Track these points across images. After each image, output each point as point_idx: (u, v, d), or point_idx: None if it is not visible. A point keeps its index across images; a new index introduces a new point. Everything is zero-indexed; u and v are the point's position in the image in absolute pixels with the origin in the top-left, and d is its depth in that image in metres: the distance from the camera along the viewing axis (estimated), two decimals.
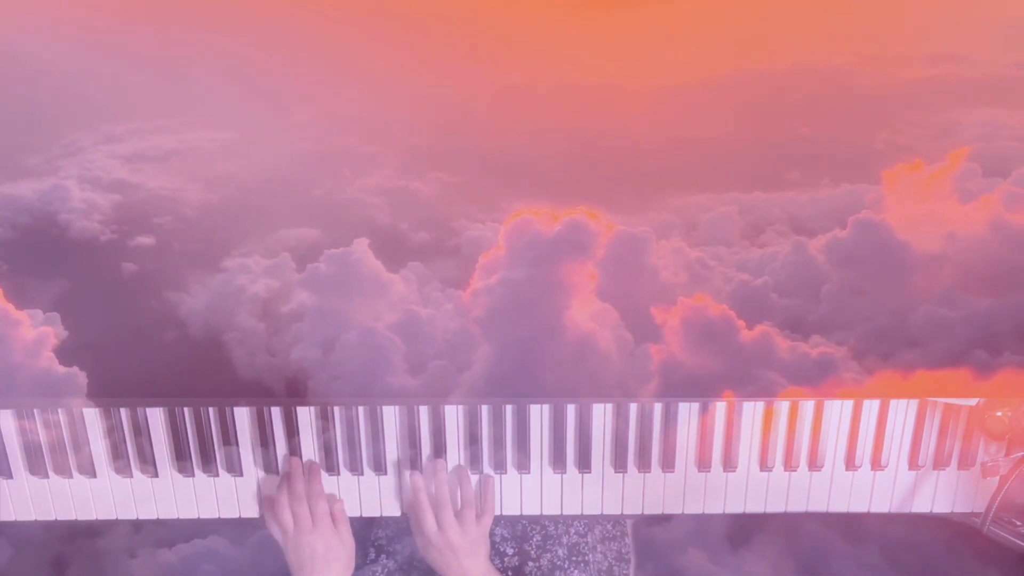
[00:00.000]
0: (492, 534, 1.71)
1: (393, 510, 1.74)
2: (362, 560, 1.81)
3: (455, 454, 1.62)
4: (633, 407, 1.56)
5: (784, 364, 1.66)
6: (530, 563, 1.70)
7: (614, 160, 4.29)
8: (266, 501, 1.65)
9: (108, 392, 1.80)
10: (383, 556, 1.79)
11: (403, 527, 1.79)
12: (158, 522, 1.75)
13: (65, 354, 2.00)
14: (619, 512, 1.61)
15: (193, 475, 1.72)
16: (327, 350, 2.13)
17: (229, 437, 1.73)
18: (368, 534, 1.85)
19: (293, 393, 2.03)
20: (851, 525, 1.70)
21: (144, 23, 5.11)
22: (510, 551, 1.73)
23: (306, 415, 1.68)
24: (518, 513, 1.68)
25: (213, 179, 3.94)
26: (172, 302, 2.66)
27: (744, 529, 1.72)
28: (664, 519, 1.70)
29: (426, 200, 3.85)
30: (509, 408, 1.58)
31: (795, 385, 1.57)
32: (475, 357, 1.83)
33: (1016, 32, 5.77)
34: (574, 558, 1.68)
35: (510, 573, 1.70)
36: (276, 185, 3.81)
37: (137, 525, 1.84)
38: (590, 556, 1.63)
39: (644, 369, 1.70)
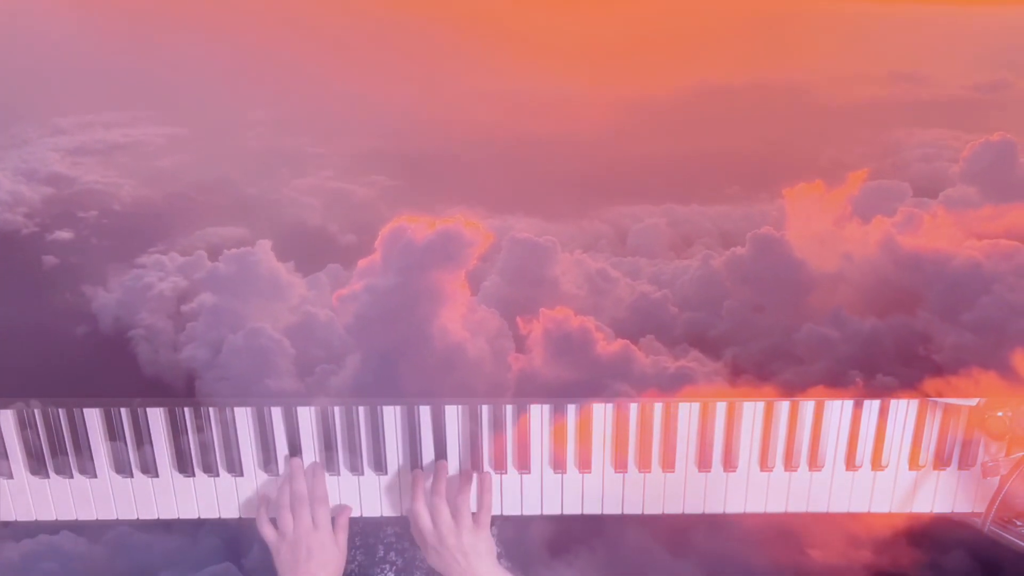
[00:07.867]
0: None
1: (394, 510, 1.71)
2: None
3: (454, 455, 1.60)
4: (634, 407, 1.55)
5: (642, 377, 1.66)
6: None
7: (558, 169, 4.30)
8: (264, 501, 1.59)
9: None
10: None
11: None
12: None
13: None
14: (619, 512, 1.58)
15: (194, 475, 1.69)
16: (216, 351, 2.12)
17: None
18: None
19: (190, 392, 2.01)
20: (676, 536, 1.70)
21: (102, 19, 5.12)
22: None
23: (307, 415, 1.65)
24: (519, 513, 1.66)
25: (151, 174, 3.93)
26: (86, 296, 2.65)
27: (563, 539, 1.72)
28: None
29: (360, 202, 3.86)
30: (513, 408, 1.55)
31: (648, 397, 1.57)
32: (348, 362, 1.83)
33: (979, 53, 5.80)
34: None
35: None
36: (213, 182, 3.80)
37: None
38: None
39: (506, 377, 1.71)
